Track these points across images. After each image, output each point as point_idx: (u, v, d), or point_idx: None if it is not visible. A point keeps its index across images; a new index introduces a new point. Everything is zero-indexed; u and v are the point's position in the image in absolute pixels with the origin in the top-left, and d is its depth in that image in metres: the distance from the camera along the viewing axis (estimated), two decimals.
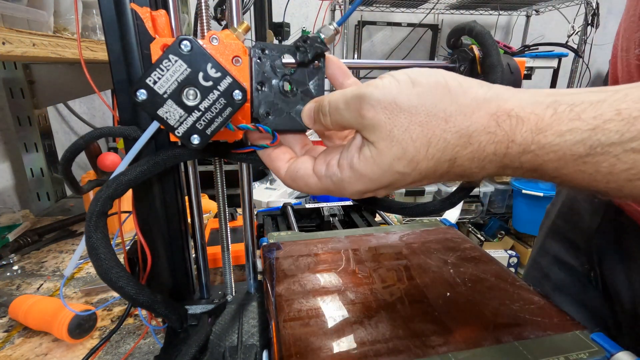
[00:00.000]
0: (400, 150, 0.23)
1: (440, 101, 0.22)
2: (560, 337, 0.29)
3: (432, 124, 0.22)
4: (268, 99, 0.30)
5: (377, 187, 0.25)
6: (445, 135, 0.22)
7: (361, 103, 0.23)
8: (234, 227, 0.75)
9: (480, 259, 0.41)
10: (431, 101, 0.22)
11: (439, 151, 0.22)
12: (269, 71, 0.30)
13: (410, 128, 0.22)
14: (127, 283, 0.30)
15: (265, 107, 0.30)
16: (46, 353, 0.48)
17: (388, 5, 1.96)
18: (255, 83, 0.30)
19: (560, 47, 1.74)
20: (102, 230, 0.29)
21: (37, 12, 0.60)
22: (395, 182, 0.24)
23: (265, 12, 1.03)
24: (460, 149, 0.22)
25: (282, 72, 0.30)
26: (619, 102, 0.19)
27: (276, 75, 0.30)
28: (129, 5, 0.31)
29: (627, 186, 0.20)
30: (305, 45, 0.29)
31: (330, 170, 0.27)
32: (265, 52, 0.30)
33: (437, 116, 0.22)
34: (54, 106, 1.25)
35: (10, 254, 0.71)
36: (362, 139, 0.25)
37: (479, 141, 0.22)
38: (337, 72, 0.31)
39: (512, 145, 0.21)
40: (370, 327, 0.31)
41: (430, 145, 0.22)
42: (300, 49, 0.29)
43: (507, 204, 1.96)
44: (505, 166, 0.22)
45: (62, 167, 0.34)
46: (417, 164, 0.23)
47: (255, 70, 0.30)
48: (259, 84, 0.30)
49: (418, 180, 0.24)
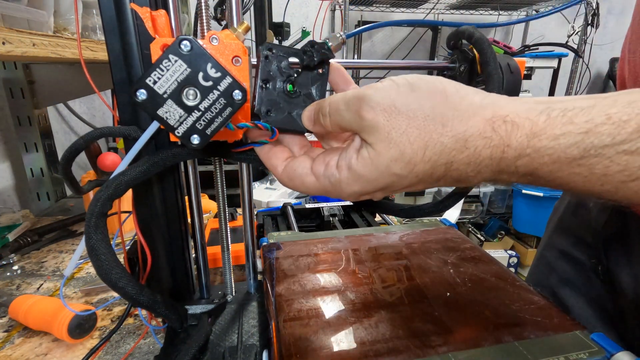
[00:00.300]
0: (397, 152, 0.23)
1: (438, 106, 0.23)
2: (560, 337, 0.29)
3: (429, 128, 0.23)
4: (271, 98, 0.30)
5: (374, 188, 0.25)
6: (442, 139, 0.22)
7: (361, 104, 0.24)
8: (234, 227, 0.75)
9: (480, 259, 0.41)
10: (429, 106, 0.23)
11: (436, 154, 0.23)
12: (275, 71, 0.30)
13: (408, 131, 0.23)
14: (127, 283, 0.30)
15: (267, 105, 0.30)
16: (46, 353, 0.48)
17: (388, 5, 1.96)
18: (260, 80, 0.30)
19: (560, 47, 1.74)
20: (102, 231, 0.29)
21: (37, 12, 0.60)
22: (391, 185, 0.25)
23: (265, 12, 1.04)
24: (457, 153, 0.23)
25: (287, 73, 0.31)
26: (609, 107, 0.20)
27: (281, 75, 0.30)
28: (129, 5, 0.31)
29: (622, 188, 0.20)
30: (313, 50, 0.30)
31: (329, 170, 0.27)
32: (272, 52, 0.30)
33: (435, 120, 0.23)
34: (54, 106, 1.25)
35: (10, 254, 0.71)
36: (360, 141, 0.25)
37: (475, 145, 0.22)
38: (340, 79, 0.32)
39: (507, 149, 0.22)
40: (370, 327, 0.31)
41: (427, 149, 0.23)
42: (307, 53, 0.30)
43: (507, 204, 1.97)
44: (501, 171, 0.23)
45: (62, 167, 0.34)
46: (413, 166, 0.23)
47: (262, 67, 0.30)
48: (264, 82, 0.30)
49: (414, 183, 0.25)
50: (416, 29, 2.10)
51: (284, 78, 0.31)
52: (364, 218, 0.64)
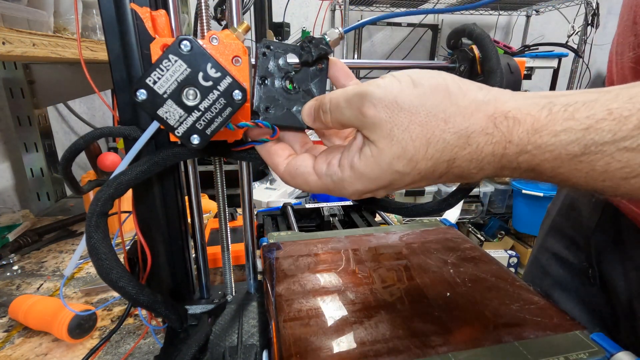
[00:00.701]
0: (399, 149, 0.23)
1: (441, 102, 0.23)
2: (560, 337, 0.29)
3: (431, 124, 0.22)
4: (270, 94, 0.30)
5: (377, 186, 0.25)
6: (445, 135, 0.22)
7: (362, 101, 0.24)
8: (234, 227, 0.75)
9: (480, 259, 0.41)
10: (431, 102, 0.23)
11: (438, 151, 0.23)
12: (273, 67, 0.30)
13: (410, 127, 0.23)
14: (127, 283, 0.30)
15: (266, 101, 0.30)
16: (46, 353, 0.48)
17: (388, 5, 1.97)
18: (259, 77, 0.30)
19: (560, 47, 1.74)
20: (103, 230, 0.29)
21: (37, 12, 0.60)
22: (394, 182, 0.25)
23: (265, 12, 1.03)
24: (459, 150, 0.22)
25: (286, 70, 0.30)
26: (610, 102, 0.20)
27: (280, 72, 0.30)
28: (129, 5, 0.31)
29: (623, 184, 0.20)
30: (310, 46, 0.30)
31: (331, 169, 0.27)
32: (270, 49, 0.30)
33: (437, 117, 0.22)
34: (54, 106, 1.25)
35: (10, 254, 0.71)
36: (363, 139, 0.25)
37: (477, 142, 0.22)
38: (340, 73, 0.32)
39: (509, 145, 0.21)
40: (370, 327, 0.31)
41: (430, 145, 0.22)
42: (305, 48, 0.30)
43: (507, 204, 1.96)
44: (503, 167, 0.23)
45: (62, 167, 0.34)
46: (416, 163, 0.23)
47: (260, 64, 0.30)
48: (262, 79, 0.30)
49: (417, 181, 0.24)
50: (416, 29, 2.10)
51: (283, 74, 0.30)
52: (364, 218, 0.64)
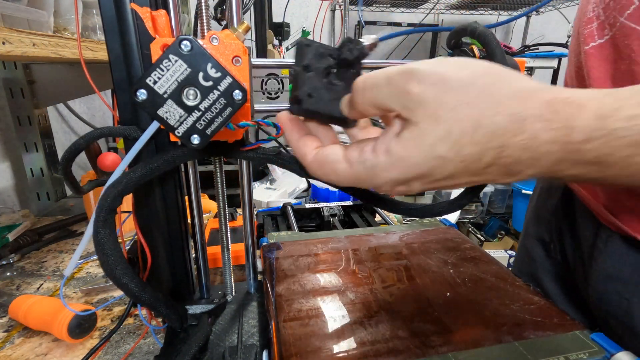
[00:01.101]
0: (444, 131, 0.21)
1: (493, 84, 0.21)
2: (560, 337, 0.29)
3: (482, 106, 0.20)
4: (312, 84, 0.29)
5: (413, 175, 0.23)
6: (496, 118, 0.20)
7: (407, 78, 0.22)
8: (234, 227, 0.75)
9: (480, 259, 0.41)
10: (483, 82, 0.21)
11: (486, 136, 0.20)
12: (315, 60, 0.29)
13: (458, 108, 0.20)
14: (131, 280, 0.30)
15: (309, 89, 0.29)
16: (46, 353, 0.48)
17: (388, 5, 1.97)
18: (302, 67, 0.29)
19: (560, 47, 1.74)
20: (111, 227, 0.29)
21: (37, 12, 0.60)
22: (433, 170, 0.22)
23: (265, 12, 1.04)
24: (511, 136, 0.20)
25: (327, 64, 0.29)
26: None
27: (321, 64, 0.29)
28: (129, 5, 0.31)
29: None
30: (351, 44, 0.29)
31: (364, 155, 0.24)
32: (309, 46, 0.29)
33: (489, 98, 0.20)
34: (54, 106, 1.25)
35: (10, 254, 0.71)
36: (400, 124, 0.23)
37: (534, 128, 0.20)
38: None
39: (572, 132, 0.19)
40: (370, 327, 0.31)
41: (478, 128, 0.20)
42: (345, 46, 0.29)
43: (507, 204, 1.97)
44: (563, 159, 0.20)
45: (62, 167, 0.34)
46: (460, 147, 0.21)
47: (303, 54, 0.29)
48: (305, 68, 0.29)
49: (459, 172, 0.22)
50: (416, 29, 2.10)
51: (324, 67, 0.29)
52: (364, 218, 0.65)
